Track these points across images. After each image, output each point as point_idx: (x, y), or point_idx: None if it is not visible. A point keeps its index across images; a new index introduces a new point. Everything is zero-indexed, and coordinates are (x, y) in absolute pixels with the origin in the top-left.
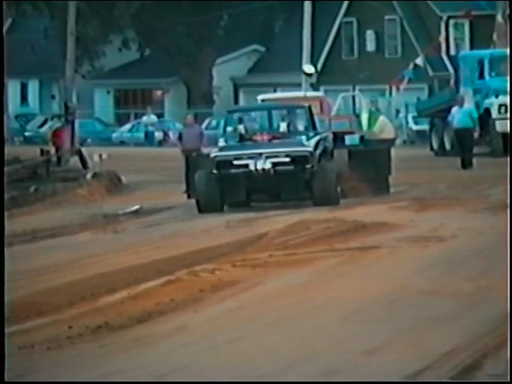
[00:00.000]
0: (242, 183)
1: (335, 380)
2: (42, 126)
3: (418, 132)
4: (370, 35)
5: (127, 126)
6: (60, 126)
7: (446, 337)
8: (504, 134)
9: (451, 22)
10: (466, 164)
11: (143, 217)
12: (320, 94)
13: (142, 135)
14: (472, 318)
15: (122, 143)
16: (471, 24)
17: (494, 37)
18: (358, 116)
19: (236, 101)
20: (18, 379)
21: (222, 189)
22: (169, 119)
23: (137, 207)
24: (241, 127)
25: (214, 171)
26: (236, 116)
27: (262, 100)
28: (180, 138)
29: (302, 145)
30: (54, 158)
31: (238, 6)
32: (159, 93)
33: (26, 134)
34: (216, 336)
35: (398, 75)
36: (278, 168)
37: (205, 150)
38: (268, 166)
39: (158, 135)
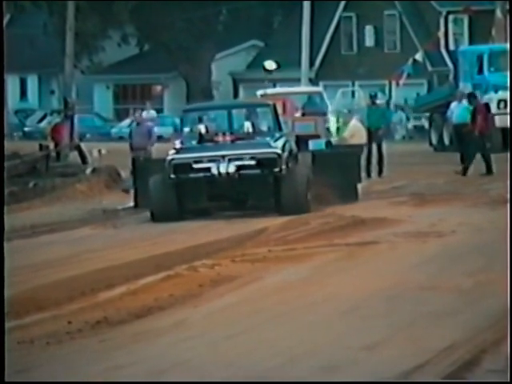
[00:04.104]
0: (202, 189)
1: (334, 376)
2: (41, 121)
3: (416, 127)
4: (369, 30)
5: (126, 122)
6: (59, 121)
7: (445, 332)
8: (503, 130)
9: (450, 17)
10: (465, 159)
11: (142, 212)
12: (319, 88)
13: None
14: (471, 314)
15: (121, 138)
16: (470, 19)
17: (493, 32)
18: (324, 114)
19: (235, 96)
20: (18, 374)
21: (180, 196)
22: (168, 114)
23: None
24: (201, 127)
25: (171, 176)
26: (193, 115)
27: (262, 95)
28: (130, 135)
29: (269, 146)
30: (54, 154)
31: (236, 2)
32: (158, 88)
33: (26, 129)
34: (215, 331)
35: (397, 70)
36: (242, 172)
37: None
38: (232, 169)
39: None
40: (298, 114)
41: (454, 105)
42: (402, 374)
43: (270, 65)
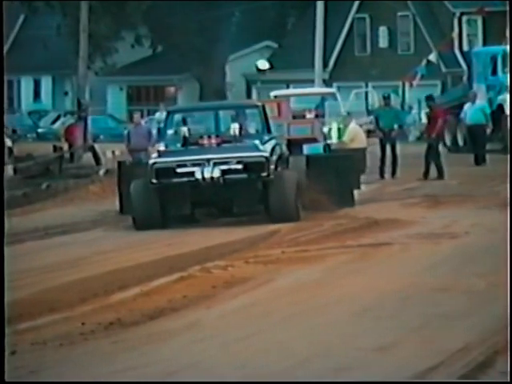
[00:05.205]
0: (186, 195)
1: (347, 377)
2: (54, 122)
3: None
4: (382, 31)
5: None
6: (73, 122)
7: (458, 334)
8: None
9: (464, 18)
10: (479, 160)
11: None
12: (332, 90)
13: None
14: (484, 315)
15: None
16: (484, 20)
17: (507, 33)
18: (323, 116)
19: (249, 97)
20: (31, 375)
21: (163, 202)
22: None
23: None
24: (184, 129)
25: (153, 181)
26: (177, 117)
27: (275, 96)
28: (128, 137)
29: (257, 149)
30: (67, 155)
31: (250, 3)
32: (172, 89)
33: (39, 130)
34: (228, 332)
35: (410, 71)
36: (228, 176)
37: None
38: (217, 174)
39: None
40: (311, 116)
41: (467, 106)
42: (416, 375)
43: (262, 64)
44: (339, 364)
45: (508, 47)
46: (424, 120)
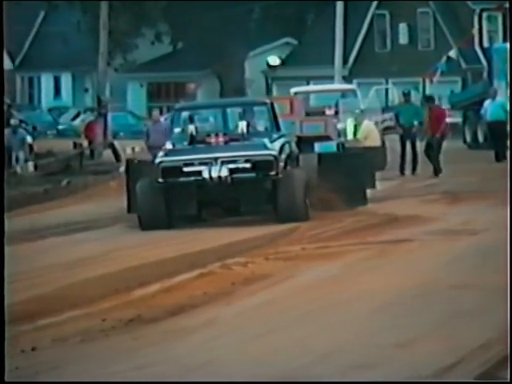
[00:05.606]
0: (193, 194)
1: (366, 374)
2: (74, 119)
3: (451, 125)
4: (402, 28)
5: None
6: (93, 119)
7: (479, 330)
8: None
9: (484, 14)
10: (500, 157)
11: None
12: (352, 86)
13: None
14: (504, 312)
15: None
16: (504, 17)
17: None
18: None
19: (269, 94)
20: (51, 372)
21: (169, 201)
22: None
23: None
24: (191, 127)
25: (160, 180)
26: (184, 114)
27: (295, 93)
28: (147, 134)
29: (265, 148)
30: (87, 151)
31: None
32: (192, 86)
33: (59, 127)
34: (247, 329)
35: (431, 68)
36: (236, 176)
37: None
38: (225, 173)
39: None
40: (331, 112)
41: (488, 102)
42: (436, 372)
43: (273, 60)
44: (358, 361)
45: None
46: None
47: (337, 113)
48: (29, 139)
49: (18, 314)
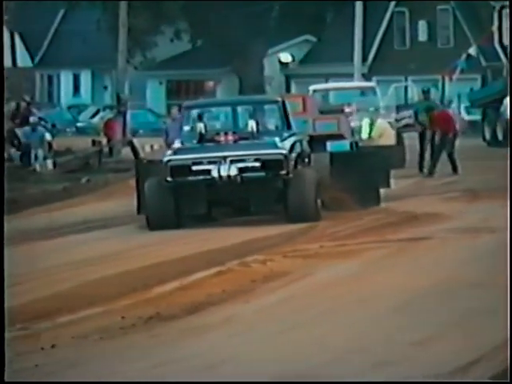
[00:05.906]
0: (202, 193)
1: (385, 372)
2: (93, 116)
3: (470, 122)
4: (422, 25)
5: None
6: (112, 116)
7: (498, 328)
8: None
9: (504, 11)
10: None
11: None
12: (372, 84)
13: None
14: None
15: None
16: None
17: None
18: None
19: (288, 91)
20: (70, 368)
21: (178, 201)
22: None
23: None
24: (200, 125)
25: (168, 179)
26: (194, 113)
27: (314, 90)
28: (166, 132)
29: (276, 147)
30: (106, 149)
31: None
32: (211, 83)
33: (78, 124)
34: (266, 327)
35: (450, 65)
36: (245, 175)
37: None
38: (234, 172)
39: None
40: (349, 110)
41: (507, 100)
42: (455, 370)
43: (285, 57)
44: (377, 358)
45: None
46: (463, 115)
47: (358, 110)
48: (48, 137)
49: (37, 311)
